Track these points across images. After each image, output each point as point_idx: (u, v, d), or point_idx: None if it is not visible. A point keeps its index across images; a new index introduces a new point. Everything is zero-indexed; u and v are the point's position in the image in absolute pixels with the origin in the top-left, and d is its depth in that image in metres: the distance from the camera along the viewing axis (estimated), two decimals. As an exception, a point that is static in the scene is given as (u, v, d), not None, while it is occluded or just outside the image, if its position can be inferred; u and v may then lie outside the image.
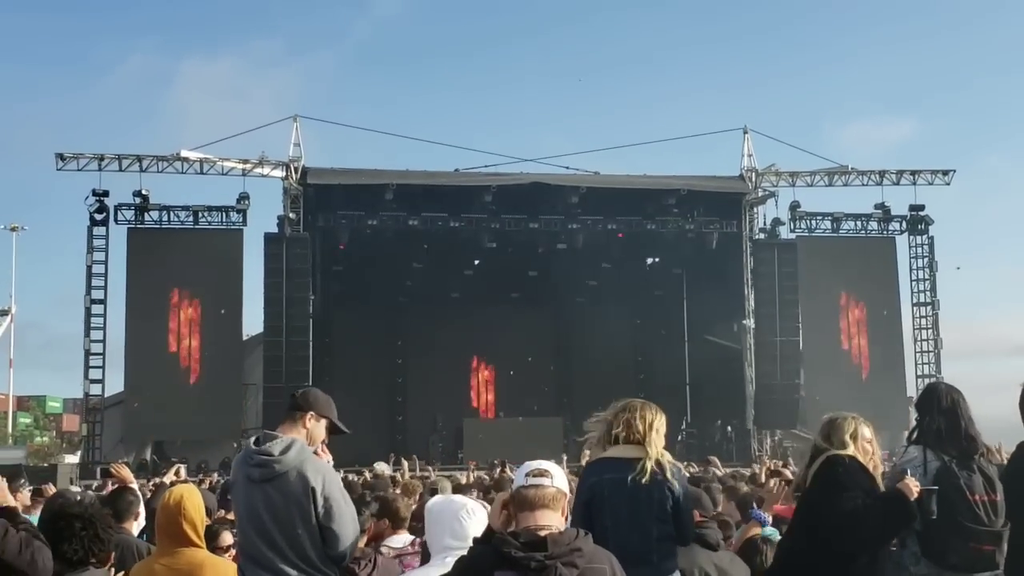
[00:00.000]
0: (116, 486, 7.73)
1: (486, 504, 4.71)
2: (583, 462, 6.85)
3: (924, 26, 62.08)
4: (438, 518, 4.42)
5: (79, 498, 6.57)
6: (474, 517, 4.39)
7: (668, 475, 5.05)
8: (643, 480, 5.03)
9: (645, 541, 4.99)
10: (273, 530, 4.77)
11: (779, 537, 5.84)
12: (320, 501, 4.80)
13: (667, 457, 5.15)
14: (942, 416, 5.10)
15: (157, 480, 11.12)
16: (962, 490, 4.88)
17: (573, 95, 66.14)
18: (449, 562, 4.21)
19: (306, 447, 4.90)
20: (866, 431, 5.05)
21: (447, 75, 66.33)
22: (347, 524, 4.87)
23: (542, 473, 3.67)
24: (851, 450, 4.95)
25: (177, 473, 8.90)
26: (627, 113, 61.76)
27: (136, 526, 6.88)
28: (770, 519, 6.31)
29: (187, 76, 67.91)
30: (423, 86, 65.94)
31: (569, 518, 4.09)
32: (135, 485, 7.28)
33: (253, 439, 5.01)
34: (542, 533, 3.50)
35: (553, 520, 3.60)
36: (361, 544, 5.52)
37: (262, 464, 4.80)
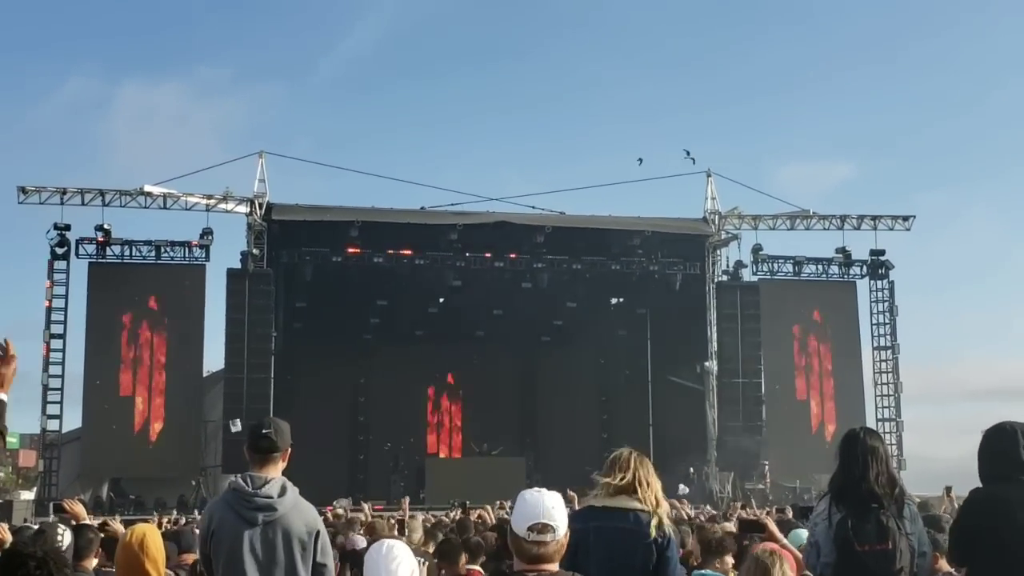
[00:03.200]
0: (75, 524, 7.60)
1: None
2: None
3: (871, 72, 63.18)
4: (368, 567, 4.32)
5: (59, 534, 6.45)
6: (398, 559, 4.28)
7: (654, 531, 5.02)
8: (635, 530, 5.03)
9: None
10: (272, 570, 4.81)
11: None
12: (320, 541, 4.94)
13: (664, 512, 5.13)
14: (853, 465, 5.14)
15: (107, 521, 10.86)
16: (850, 542, 4.94)
17: (539, 136, 66.58)
18: None
19: (295, 487, 4.99)
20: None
21: (413, 114, 66.61)
22: (332, 561, 5.12)
23: (545, 529, 3.56)
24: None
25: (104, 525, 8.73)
26: (593, 154, 62.24)
27: (94, 564, 6.76)
28: None
29: (155, 109, 67.61)
30: (390, 124, 66.19)
31: None
32: (87, 522, 7.16)
33: (241, 480, 4.99)
34: (531, 575, 3.53)
35: (551, 569, 3.58)
36: None
37: (266, 508, 4.83)
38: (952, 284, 64.73)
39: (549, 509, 3.59)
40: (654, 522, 5.03)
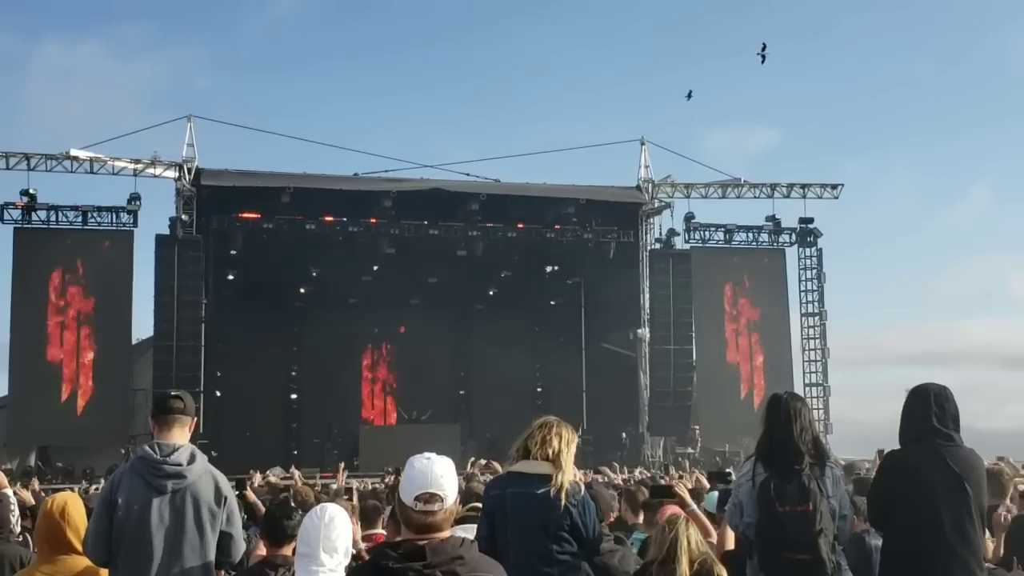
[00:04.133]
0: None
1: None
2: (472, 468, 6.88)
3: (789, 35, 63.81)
4: (306, 530, 4.30)
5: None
6: (339, 527, 4.29)
7: (564, 494, 5.12)
8: (550, 495, 5.11)
9: (545, 556, 5.09)
10: (181, 539, 4.78)
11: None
12: (227, 508, 4.88)
13: (571, 477, 5.21)
14: (777, 428, 5.25)
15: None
16: (771, 502, 5.05)
17: (473, 103, 66.18)
18: (316, 571, 4.16)
19: (203, 454, 4.96)
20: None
21: (346, 78, 65.71)
22: (240, 530, 5.09)
23: (432, 498, 3.48)
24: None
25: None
26: (528, 122, 62.01)
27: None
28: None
29: (74, 68, 65.68)
30: (322, 89, 65.20)
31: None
32: (8, 491, 7.05)
33: (148, 448, 4.96)
34: (421, 542, 3.42)
35: (441, 536, 3.48)
36: (289, 551, 5.49)
37: (175, 475, 4.80)
38: (876, 251, 65.81)
39: (438, 477, 3.51)
40: (556, 486, 5.11)
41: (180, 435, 5.04)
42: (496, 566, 3.57)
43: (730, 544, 6.01)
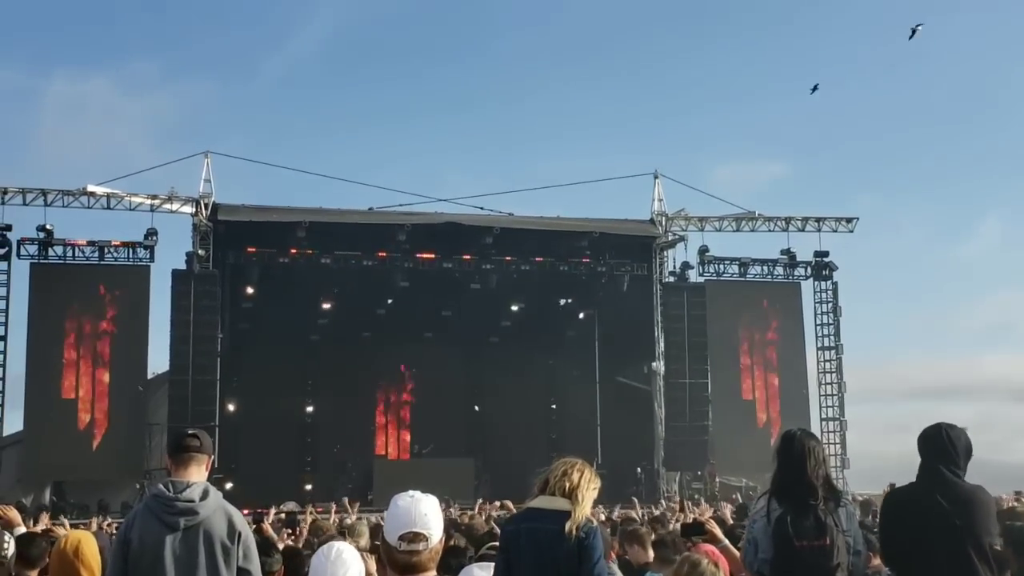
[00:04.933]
0: (25, 533, 7.44)
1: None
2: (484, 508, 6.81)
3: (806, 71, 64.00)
4: (314, 570, 4.30)
5: (4, 542, 6.31)
6: (347, 562, 4.26)
7: (579, 532, 5.02)
8: (563, 531, 5.02)
9: None
10: (194, 575, 4.78)
11: None
12: (243, 545, 4.89)
13: (587, 513, 5.17)
14: (791, 464, 5.26)
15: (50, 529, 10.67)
16: (789, 538, 5.05)
17: (487, 137, 66.58)
18: None
19: (217, 491, 4.98)
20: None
21: (360, 114, 66.24)
22: (257, 566, 5.04)
23: (417, 537, 3.42)
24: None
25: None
26: (541, 156, 62.36)
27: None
28: None
29: (84, 103, 66.30)
30: (334, 124, 65.73)
31: None
32: (22, 529, 7.02)
33: (162, 486, 4.97)
34: None
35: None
36: None
37: (187, 512, 4.81)
38: (891, 284, 65.74)
39: (422, 516, 3.45)
40: (570, 523, 5.02)
41: (196, 473, 5.06)
42: None
43: None
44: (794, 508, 5.14)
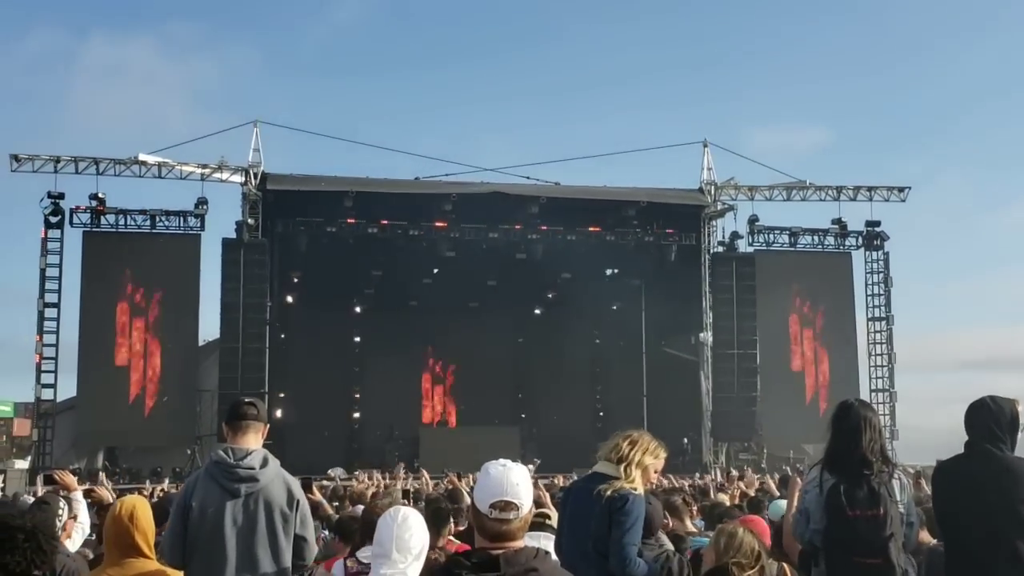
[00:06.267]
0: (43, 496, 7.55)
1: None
2: None
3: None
4: (380, 531, 4.31)
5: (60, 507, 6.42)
6: (412, 529, 4.28)
7: (613, 496, 5.19)
8: (597, 493, 5.23)
9: (584, 553, 5.16)
10: (254, 541, 4.83)
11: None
12: (300, 512, 4.99)
13: (630, 483, 5.24)
14: (846, 435, 5.23)
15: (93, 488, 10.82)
16: (842, 508, 5.02)
17: (533, 105, 66.18)
18: (384, 574, 4.15)
19: (275, 459, 5.03)
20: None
21: (408, 84, 66.14)
22: (313, 533, 5.16)
23: (508, 506, 3.40)
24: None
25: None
26: (588, 124, 61.87)
27: (71, 541, 6.70)
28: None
29: (124, 67, 66.48)
30: (384, 94, 65.64)
31: None
32: (79, 492, 7.13)
33: (223, 452, 5.01)
34: (495, 552, 3.34)
35: (515, 546, 3.41)
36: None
37: (248, 479, 4.86)
38: (940, 253, 64.61)
39: (514, 485, 3.43)
40: (604, 486, 5.23)
41: (254, 440, 5.11)
42: None
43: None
44: (847, 478, 5.11)
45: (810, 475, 5.42)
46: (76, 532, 6.88)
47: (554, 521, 6.09)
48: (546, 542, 5.08)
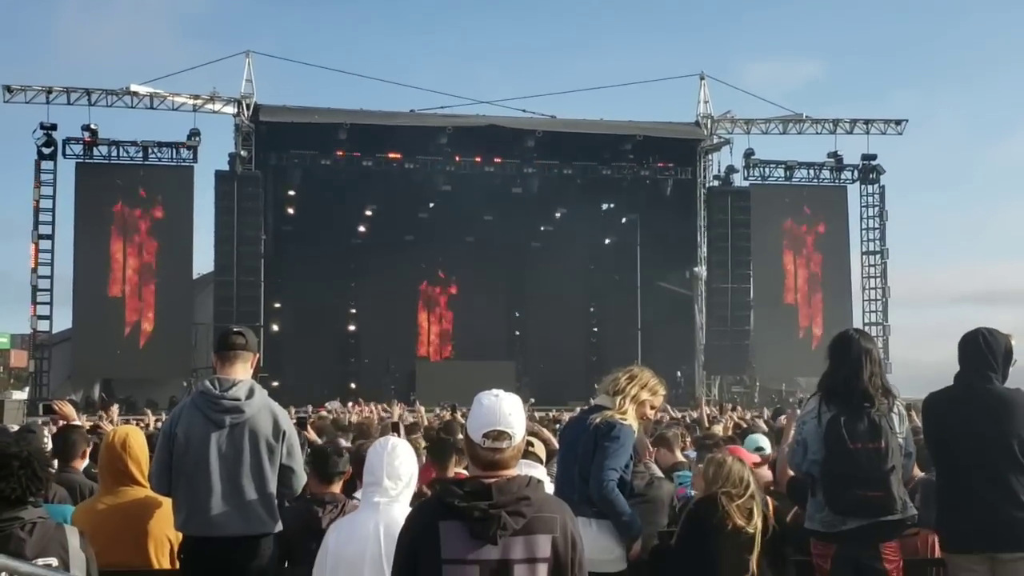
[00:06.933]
0: (63, 424, 7.62)
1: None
2: None
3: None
4: (370, 460, 4.35)
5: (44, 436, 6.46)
6: (400, 457, 4.32)
7: (600, 425, 5.25)
8: (585, 421, 5.39)
9: (570, 480, 5.27)
10: (239, 471, 4.85)
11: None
12: (287, 443, 5.01)
13: (620, 413, 5.30)
14: (846, 366, 5.20)
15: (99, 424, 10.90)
16: (843, 440, 5.00)
17: (528, 38, 65.52)
18: (378, 503, 4.20)
19: (263, 389, 5.03)
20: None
21: (403, 14, 65.41)
22: (300, 463, 5.14)
23: (501, 436, 3.41)
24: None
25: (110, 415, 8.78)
26: (585, 57, 61.31)
27: (83, 465, 6.80)
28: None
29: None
30: (378, 25, 65.00)
31: None
32: (78, 423, 7.17)
33: (208, 383, 5.01)
34: (488, 481, 3.37)
35: (508, 475, 3.44)
36: (337, 489, 5.58)
37: (233, 410, 4.87)
38: (932, 187, 64.58)
39: (506, 415, 3.43)
40: (599, 415, 5.32)
41: (242, 371, 5.09)
42: (562, 506, 3.52)
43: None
44: (848, 410, 5.09)
45: (808, 406, 5.41)
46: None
47: (538, 448, 6.21)
48: (527, 469, 5.10)
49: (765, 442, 7.52)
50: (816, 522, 5.17)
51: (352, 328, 36.34)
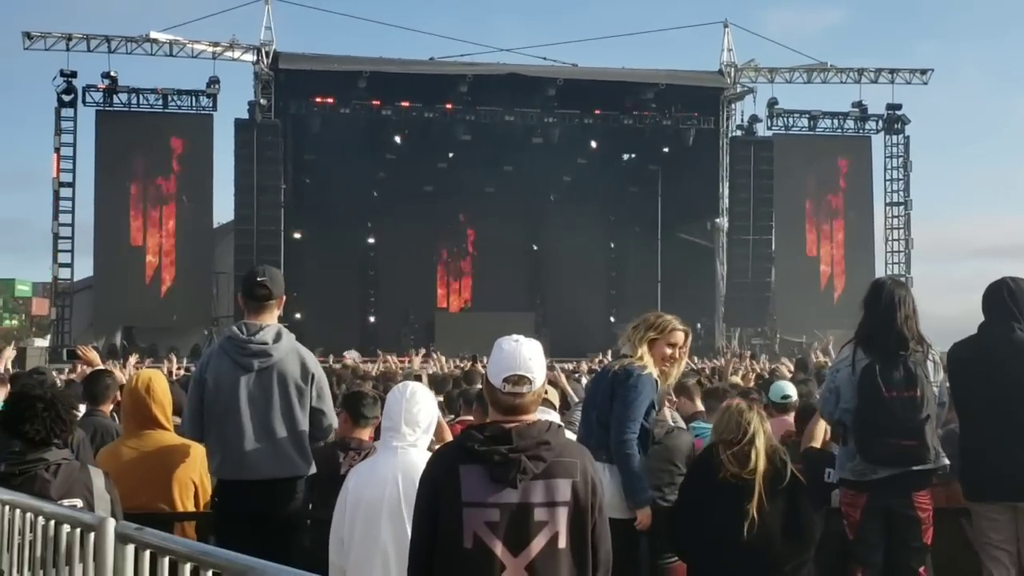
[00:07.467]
0: (92, 370, 7.68)
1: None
2: None
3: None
4: (389, 405, 4.38)
5: (54, 377, 6.53)
6: (420, 401, 4.34)
7: (617, 372, 5.28)
8: (603, 371, 5.57)
9: (588, 427, 5.33)
10: (270, 414, 4.89)
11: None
12: (316, 385, 5.04)
13: (643, 362, 5.28)
14: (880, 313, 5.18)
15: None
16: (878, 387, 4.97)
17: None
18: (396, 447, 4.22)
19: (290, 333, 5.06)
20: None
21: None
22: (331, 406, 5.20)
23: (521, 380, 3.43)
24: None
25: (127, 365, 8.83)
26: (606, 4, 60.60)
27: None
28: None
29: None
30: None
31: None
32: (101, 368, 7.22)
33: (236, 328, 5.04)
34: (508, 426, 3.40)
35: (528, 419, 3.46)
36: (367, 435, 5.60)
37: (261, 354, 4.90)
38: (956, 139, 63.81)
39: (526, 360, 3.45)
40: (618, 361, 5.39)
41: (269, 315, 5.12)
42: (583, 451, 3.54)
43: (816, 442, 5.92)
44: (882, 358, 5.05)
45: (842, 354, 5.37)
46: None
47: (551, 395, 6.34)
48: (540, 415, 5.13)
49: (791, 389, 7.48)
50: (847, 471, 5.15)
51: (371, 278, 36.38)
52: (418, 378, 8.79)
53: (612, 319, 35.94)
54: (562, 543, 3.36)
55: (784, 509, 4.75)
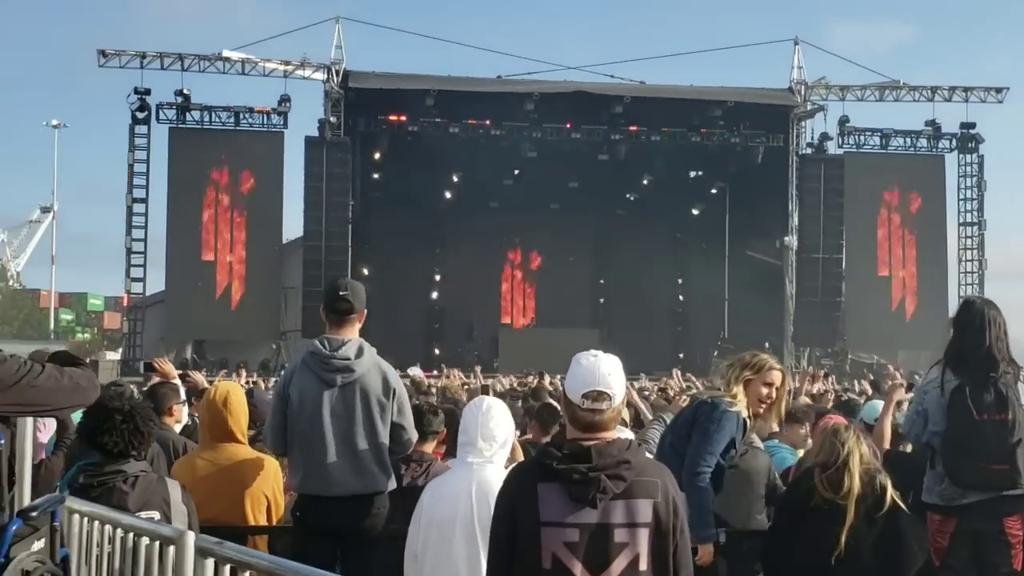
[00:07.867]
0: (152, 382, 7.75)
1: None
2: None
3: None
4: (465, 420, 4.35)
5: (132, 390, 6.60)
6: (496, 418, 4.30)
7: (698, 406, 5.28)
8: (696, 401, 5.61)
9: (659, 449, 5.37)
10: (353, 429, 4.89)
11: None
12: (397, 400, 5.07)
13: (732, 398, 5.19)
14: (970, 334, 5.03)
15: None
16: (968, 410, 4.82)
17: (617, 2, 64.74)
18: (472, 463, 4.19)
19: (372, 348, 5.07)
20: None
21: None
22: (411, 421, 5.20)
23: (600, 396, 3.35)
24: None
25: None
26: (674, 22, 60.43)
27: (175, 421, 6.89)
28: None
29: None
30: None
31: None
32: (177, 380, 7.29)
33: (318, 343, 5.06)
34: (587, 443, 3.32)
35: (607, 437, 3.39)
36: (430, 449, 5.61)
37: (344, 369, 4.92)
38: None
39: (605, 375, 3.38)
40: (708, 393, 5.55)
41: (349, 330, 5.13)
42: (664, 470, 3.45)
43: (886, 441, 5.85)
44: (972, 379, 4.90)
45: (930, 375, 5.23)
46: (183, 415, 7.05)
47: (624, 413, 6.26)
48: (619, 433, 5.12)
49: None
50: (935, 495, 5.00)
51: (436, 294, 36.51)
52: (484, 390, 8.79)
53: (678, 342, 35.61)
54: (643, 565, 3.28)
55: (880, 537, 4.61)
